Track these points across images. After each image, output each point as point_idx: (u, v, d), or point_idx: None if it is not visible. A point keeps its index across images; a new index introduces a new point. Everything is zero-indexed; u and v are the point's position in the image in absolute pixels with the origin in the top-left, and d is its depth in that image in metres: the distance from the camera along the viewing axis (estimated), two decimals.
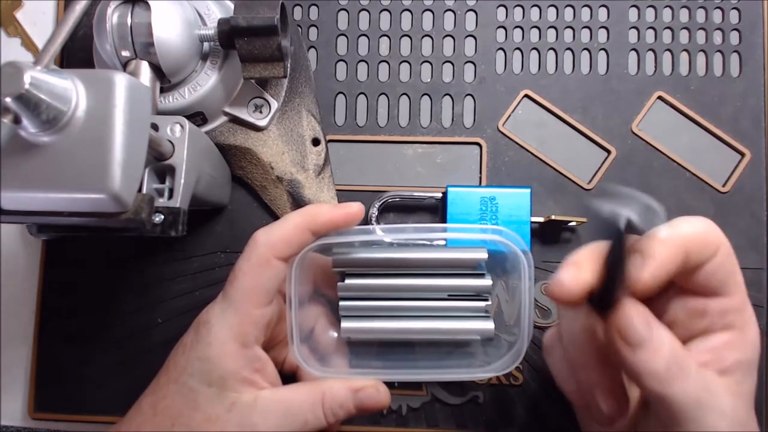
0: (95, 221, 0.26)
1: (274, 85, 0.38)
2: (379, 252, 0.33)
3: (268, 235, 0.29)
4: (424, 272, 0.33)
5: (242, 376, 0.28)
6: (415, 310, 0.33)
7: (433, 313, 0.33)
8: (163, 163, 0.29)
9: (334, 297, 0.33)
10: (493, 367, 0.31)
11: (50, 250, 0.39)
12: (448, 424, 0.37)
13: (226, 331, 0.28)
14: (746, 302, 0.26)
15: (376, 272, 0.33)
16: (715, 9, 0.40)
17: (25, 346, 0.39)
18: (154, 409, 0.28)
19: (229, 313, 0.28)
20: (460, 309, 0.33)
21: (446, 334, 0.33)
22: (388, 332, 0.33)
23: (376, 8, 0.40)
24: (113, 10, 0.31)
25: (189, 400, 0.28)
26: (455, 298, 0.33)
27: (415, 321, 0.33)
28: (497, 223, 0.36)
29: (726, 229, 0.26)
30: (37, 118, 0.23)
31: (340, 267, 0.33)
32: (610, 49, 0.40)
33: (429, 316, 0.33)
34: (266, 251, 0.29)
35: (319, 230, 0.30)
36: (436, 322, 0.33)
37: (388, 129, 0.40)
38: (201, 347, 0.28)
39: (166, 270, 0.39)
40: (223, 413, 0.27)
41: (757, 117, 0.39)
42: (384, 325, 0.33)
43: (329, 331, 0.34)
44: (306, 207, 0.31)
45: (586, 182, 0.39)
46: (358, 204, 0.30)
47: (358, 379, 0.30)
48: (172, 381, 0.28)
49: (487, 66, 0.40)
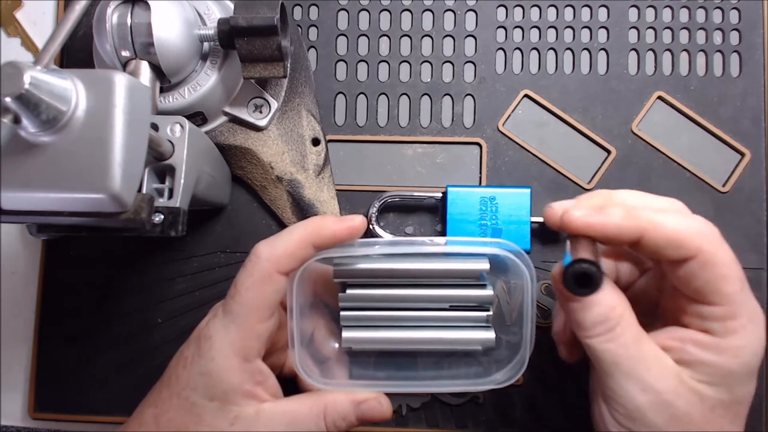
0: (95, 221, 0.26)
1: (274, 85, 0.38)
2: (380, 263, 0.33)
3: (271, 249, 0.29)
4: (426, 282, 0.33)
5: (244, 389, 0.28)
6: (416, 320, 0.33)
7: (435, 323, 0.33)
8: (163, 163, 0.29)
9: (334, 305, 0.33)
10: (494, 378, 0.31)
11: (50, 250, 0.39)
12: (448, 424, 0.37)
13: (228, 346, 0.28)
14: (737, 315, 0.26)
15: (378, 282, 0.33)
16: (715, 9, 0.40)
17: (25, 346, 0.39)
18: (156, 423, 0.28)
19: (232, 328, 0.28)
20: (461, 319, 0.33)
21: (447, 344, 0.33)
22: (390, 342, 0.33)
23: (376, 8, 0.40)
24: (113, 10, 0.31)
25: (192, 415, 0.28)
26: (456, 308, 0.33)
27: (417, 331, 0.33)
28: (497, 222, 0.36)
29: (726, 229, 0.26)
30: (37, 118, 0.23)
31: (341, 278, 0.33)
32: (610, 49, 0.40)
33: (430, 326, 0.33)
34: (269, 266, 0.28)
35: (322, 245, 0.29)
36: (438, 332, 0.33)
37: (388, 129, 0.40)
38: (203, 362, 0.28)
39: (166, 270, 0.39)
40: (226, 427, 0.27)
41: (757, 117, 0.39)
42: (385, 335, 0.33)
43: (330, 339, 0.34)
44: (310, 220, 0.30)
45: (586, 182, 0.39)
46: (360, 217, 0.30)
47: (360, 391, 0.30)
48: (175, 395, 0.28)
49: (487, 66, 0.40)
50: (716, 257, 0.25)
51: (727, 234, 0.26)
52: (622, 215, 0.26)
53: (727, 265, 0.25)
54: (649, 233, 0.26)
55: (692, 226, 0.26)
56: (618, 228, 0.26)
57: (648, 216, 0.26)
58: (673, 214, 0.27)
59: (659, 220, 0.26)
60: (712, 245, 0.25)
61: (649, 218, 0.26)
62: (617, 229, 0.26)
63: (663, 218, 0.26)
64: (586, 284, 0.26)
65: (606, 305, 0.27)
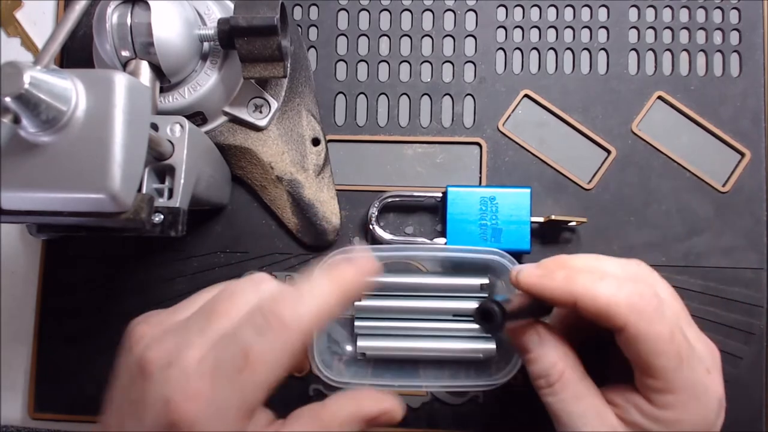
0: (95, 221, 0.26)
1: (274, 85, 0.37)
2: (391, 277, 0.36)
3: (298, 315, 0.23)
4: (432, 295, 0.36)
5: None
6: (423, 330, 0.36)
7: (440, 333, 0.36)
8: (163, 163, 0.29)
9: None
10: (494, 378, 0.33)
11: (50, 250, 0.39)
12: (448, 424, 0.37)
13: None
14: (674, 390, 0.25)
15: (388, 294, 0.36)
16: (715, 9, 0.39)
17: (25, 346, 0.39)
18: None
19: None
20: (464, 330, 0.36)
21: (452, 353, 0.35)
22: (400, 350, 0.36)
23: (376, 8, 0.40)
24: (113, 10, 0.31)
25: None
26: (460, 319, 0.36)
27: (424, 341, 0.36)
28: (497, 222, 0.36)
29: (726, 229, 0.26)
30: (36, 117, 0.23)
31: None
32: (610, 49, 0.40)
33: (436, 336, 0.36)
34: (297, 338, 0.22)
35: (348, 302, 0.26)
36: (443, 342, 0.36)
37: (388, 129, 0.40)
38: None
39: (165, 270, 0.39)
40: None
41: (757, 117, 0.39)
42: (396, 344, 0.36)
43: (344, 343, 0.36)
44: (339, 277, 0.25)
45: (586, 182, 0.39)
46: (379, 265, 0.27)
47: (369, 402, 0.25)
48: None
49: (487, 66, 0.40)
50: (645, 333, 0.25)
51: (727, 234, 0.26)
52: (561, 279, 0.26)
53: (660, 341, 0.25)
54: (582, 301, 0.25)
55: (623, 298, 0.25)
56: (554, 292, 0.26)
57: (584, 283, 0.26)
58: (611, 282, 0.26)
59: (592, 289, 0.25)
60: (643, 320, 0.25)
61: (584, 285, 0.26)
62: (553, 292, 0.26)
63: (598, 287, 0.25)
64: (489, 320, 0.26)
65: (547, 362, 0.27)
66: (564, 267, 0.27)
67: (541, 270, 0.27)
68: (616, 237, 0.38)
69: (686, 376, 0.25)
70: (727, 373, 0.37)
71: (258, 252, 0.39)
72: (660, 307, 0.25)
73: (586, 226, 0.38)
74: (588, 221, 0.38)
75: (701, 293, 0.37)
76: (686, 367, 0.25)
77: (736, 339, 0.37)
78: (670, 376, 0.25)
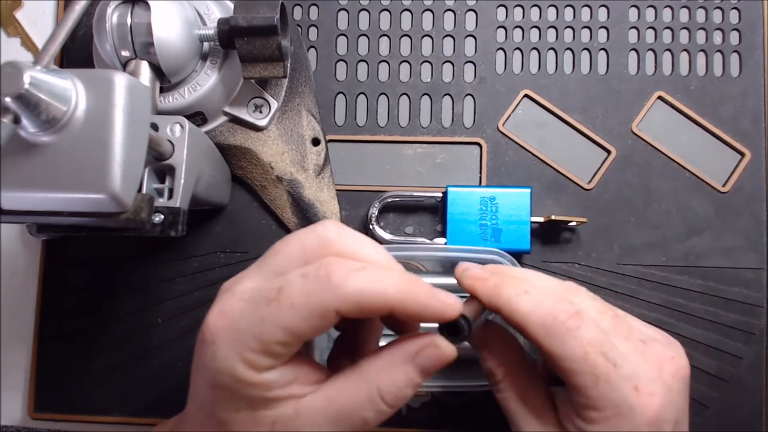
0: (95, 221, 0.26)
1: (274, 85, 0.38)
2: None
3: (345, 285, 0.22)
4: None
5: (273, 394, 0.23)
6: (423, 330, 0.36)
7: None
8: (163, 163, 0.29)
9: None
10: None
11: (50, 250, 0.39)
12: (448, 424, 0.37)
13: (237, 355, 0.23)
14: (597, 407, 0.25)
15: None
16: (715, 9, 0.40)
17: (25, 346, 0.39)
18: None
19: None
20: None
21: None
22: None
23: (376, 8, 0.40)
24: (113, 10, 0.31)
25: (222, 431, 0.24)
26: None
27: None
28: (497, 222, 0.36)
29: (726, 229, 0.26)
30: (36, 117, 0.23)
31: None
32: (610, 49, 0.40)
33: None
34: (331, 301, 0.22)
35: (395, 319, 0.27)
36: None
37: (388, 129, 0.40)
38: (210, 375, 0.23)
39: (166, 270, 0.39)
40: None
41: (757, 117, 0.39)
42: None
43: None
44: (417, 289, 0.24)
45: (586, 182, 0.39)
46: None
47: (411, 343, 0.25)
48: (198, 411, 0.25)
49: (487, 66, 0.40)
50: (558, 352, 0.25)
51: (727, 234, 0.26)
52: (491, 285, 0.27)
53: (573, 361, 0.25)
54: (504, 312, 0.26)
55: (538, 316, 0.25)
56: (482, 297, 0.27)
57: (509, 294, 0.26)
58: (532, 298, 0.26)
59: (514, 302, 0.26)
60: (556, 339, 0.25)
61: (508, 297, 0.26)
62: (482, 298, 0.27)
63: (519, 300, 0.26)
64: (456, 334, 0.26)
65: (491, 363, 0.29)
66: (499, 275, 0.27)
67: (481, 273, 0.28)
68: (616, 237, 0.38)
69: (606, 395, 0.24)
70: (727, 373, 0.37)
71: (258, 252, 0.38)
72: (577, 328, 0.25)
73: (586, 226, 0.38)
74: (588, 221, 0.38)
75: (701, 293, 0.37)
76: (604, 385, 0.24)
77: (736, 339, 0.37)
78: (590, 394, 0.25)
